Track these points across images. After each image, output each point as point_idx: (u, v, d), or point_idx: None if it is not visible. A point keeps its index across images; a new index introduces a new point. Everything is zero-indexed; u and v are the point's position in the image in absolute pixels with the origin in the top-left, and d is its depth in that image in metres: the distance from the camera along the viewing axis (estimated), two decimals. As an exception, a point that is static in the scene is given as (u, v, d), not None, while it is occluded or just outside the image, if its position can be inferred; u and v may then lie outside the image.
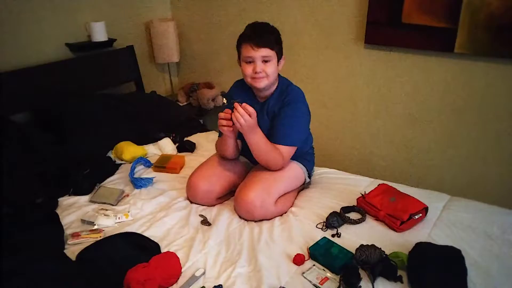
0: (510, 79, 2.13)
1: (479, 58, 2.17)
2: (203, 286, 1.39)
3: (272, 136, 1.79)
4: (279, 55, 1.77)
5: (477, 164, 2.38)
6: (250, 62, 1.73)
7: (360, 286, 1.35)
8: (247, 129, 1.66)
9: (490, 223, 1.67)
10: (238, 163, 2.00)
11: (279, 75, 1.87)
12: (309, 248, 1.54)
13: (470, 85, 2.26)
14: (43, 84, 2.43)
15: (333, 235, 1.63)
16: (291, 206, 1.86)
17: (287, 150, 1.81)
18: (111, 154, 2.34)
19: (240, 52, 1.76)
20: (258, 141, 1.73)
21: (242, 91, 1.87)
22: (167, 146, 2.41)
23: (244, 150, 2.01)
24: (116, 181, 2.09)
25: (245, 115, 1.62)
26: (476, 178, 2.41)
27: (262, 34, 1.70)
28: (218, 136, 1.96)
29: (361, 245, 1.48)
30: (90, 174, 2.05)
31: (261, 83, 1.75)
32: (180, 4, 3.21)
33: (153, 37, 3.10)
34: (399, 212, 1.65)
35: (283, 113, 1.80)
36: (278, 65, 1.77)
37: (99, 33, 2.70)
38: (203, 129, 2.75)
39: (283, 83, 1.86)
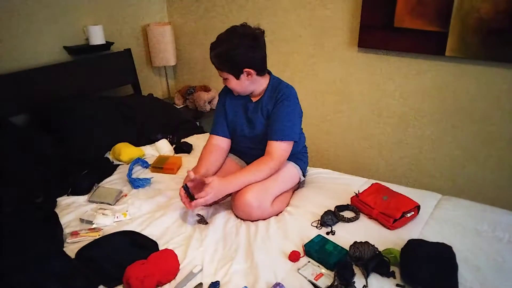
0: (499, 82, 2.19)
1: (469, 61, 2.22)
2: (200, 283, 1.42)
3: (269, 133, 1.83)
4: (237, 74, 1.80)
5: (468, 165, 2.43)
6: None
7: (354, 281, 1.38)
8: (220, 194, 1.73)
9: (481, 220, 1.71)
10: (233, 163, 2.03)
11: (270, 74, 1.91)
12: (304, 245, 1.57)
13: (461, 88, 2.31)
14: (42, 87, 2.46)
15: (327, 233, 1.66)
16: (287, 206, 1.89)
17: (285, 146, 1.84)
18: (109, 155, 2.36)
19: None
20: (236, 184, 1.76)
21: None
22: (164, 147, 2.43)
23: (238, 150, 2.04)
24: (114, 182, 2.11)
25: (206, 199, 1.67)
26: (467, 179, 2.46)
27: (212, 60, 1.82)
28: (210, 133, 2.01)
29: (355, 242, 1.51)
30: (89, 175, 2.07)
31: (234, 92, 1.90)
32: (176, 5, 3.24)
33: (150, 41, 3.13)
34: (391, 210, 1.68)
35: (277, 110, 1.83)
36: (240, 79, 1.81)
37: (97, 37, 2.73)
38: (200, 130, 2.78)
39: (274, 81, 1.90)
